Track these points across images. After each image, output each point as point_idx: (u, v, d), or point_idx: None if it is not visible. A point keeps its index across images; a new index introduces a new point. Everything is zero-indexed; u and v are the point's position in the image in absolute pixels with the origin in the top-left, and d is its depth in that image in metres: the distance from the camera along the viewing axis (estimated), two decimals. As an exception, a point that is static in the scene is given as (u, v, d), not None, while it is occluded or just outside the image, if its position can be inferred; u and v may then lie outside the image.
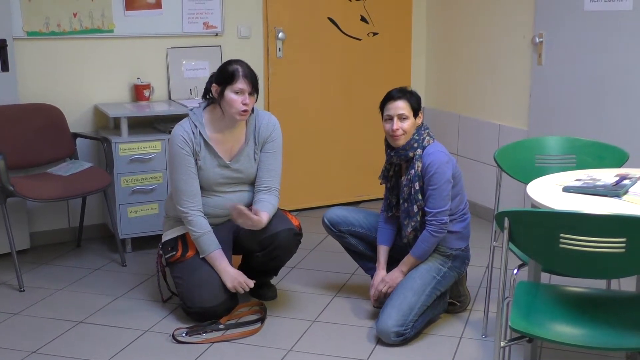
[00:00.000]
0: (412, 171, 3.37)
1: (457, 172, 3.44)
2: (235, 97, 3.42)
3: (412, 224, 3.40)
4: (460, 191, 3.47)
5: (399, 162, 3.47)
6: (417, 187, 3.35)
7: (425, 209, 3.37)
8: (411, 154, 3.39)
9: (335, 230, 3.70)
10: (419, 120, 3.44)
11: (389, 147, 3.48)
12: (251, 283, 3.51)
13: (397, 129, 3.37)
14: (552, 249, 2.31)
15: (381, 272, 3.55)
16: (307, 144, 5.24)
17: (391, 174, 3.55)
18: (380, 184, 3.63)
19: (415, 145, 3.39)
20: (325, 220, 3.72)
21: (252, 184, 3.62)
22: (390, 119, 3.41)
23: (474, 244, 3.62)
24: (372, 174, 5.30)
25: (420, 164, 3.36)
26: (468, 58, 5.13)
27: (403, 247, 3.52)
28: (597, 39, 4.08)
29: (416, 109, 3.42)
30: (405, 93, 3.44)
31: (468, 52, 5.13)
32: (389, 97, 3.44)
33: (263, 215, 3.44)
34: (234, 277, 3.48)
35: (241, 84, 3.42)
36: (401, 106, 3.40)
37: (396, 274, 3.47)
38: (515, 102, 4.73)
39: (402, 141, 3.40)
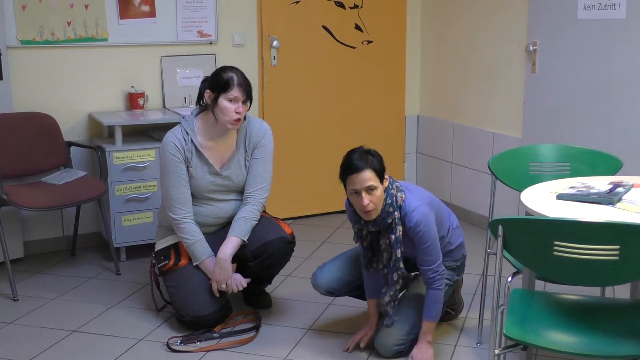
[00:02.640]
0: (393, 237, 3.05)
1: (437, 209, 3.21)
2: (229, 105, 3.41)
3: (391, 292, 3.13)
4: (442, 214, 3.28)
5: (377, 229, 3.12)
6: (399, 255, 3.06)
7: (423, 267, 3.11)
8: (389, 220, 3.04)
9: (336, 295, 3.48)
10: (386, 183, 3.05)
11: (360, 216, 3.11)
12: (245, 282, 3.49)
13: (368, 204, 2.98)
14: (546, 257, 2.31)
15: (373, 322, 3.33)
16: (302, 152, 5.24)
17: (365, 233, 3.18)
18: (356, 242, 3.26)
19: (391, 210, 3.03)
20: (321, 289, 3.42)
21: (243, 191, 3.62)
22: (357, 193, 3.00)
23: (468, 252, 3.61)
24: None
25: (401, 228, 3.05)
26: (462, 66, 5.15)
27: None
28: (590, 47, 4.09)
29: (382, 173, 3.02)
30: (366, 160, 2.99)
31: (462, 60, 5.14)
32: (351, 170, 2.99)
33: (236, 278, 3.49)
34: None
35: (236, 92, 3.41)
36: (367, 177, 2.97)
37: (426, 348, 3.17)
38: (510, 110, 4.74)
39: (374, 214, 3.03)
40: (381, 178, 3.02)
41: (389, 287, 3.14)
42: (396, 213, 3.04)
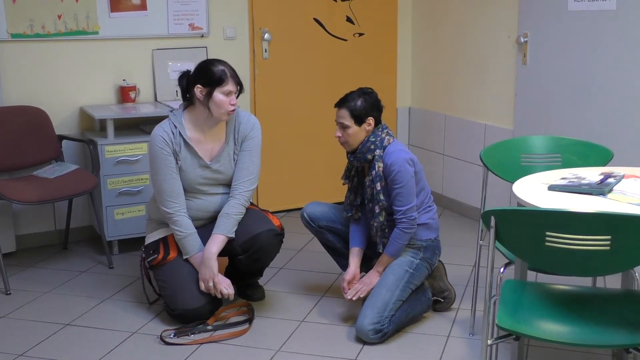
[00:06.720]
0: (374, 172, 3.38)
1: (418, 167, 3.46)
2: (225, 98, 3.43)
3: (375, 224, 3.42)
4: (424, 185, 3.50)
5: (359, 165, 3.49)
6: (379, 188, 3.37)
7: (394, 207, 3.38)
8: (370, 156, 3.40)
9: (314, 225, 3.70)
10: (367, 127, 3.42)
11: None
12: (226, 292, 3.48)
13: (339, 137, 3.44)
14: (538, 247, 2.32)
15: (352, 267, 3.55)
16: (293, 145, 5.24)
17: (353, 173, 3.56)
18: (343, 184, 3.63)
19: (372, 147, 3.40)
20: (305, 214, 3.71)
21: None
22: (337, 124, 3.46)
23: (460, 243, 3.64)
24: (359, 174, 5.32)
25: (381, 165, 3.38)
26: (454, 58, 5.15)
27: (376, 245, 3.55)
28: (581, 39, 4.11)
29: (359, 117, 3.40)
30: (347, 101, 3.43)
31: (454, 52, 5.15)
32: (336, 103, 3.47)
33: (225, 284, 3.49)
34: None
35: (231, 86, 3.43)
36: (341, 115, 3.42)
37: (372, 275, 3.49)
38: (501, 101, 4.75)
39: (348, 147, 3.45)
40: (358, 120, 3.39)
41: (374, 218, 3.43)
42: (378, 151, 3.39)
